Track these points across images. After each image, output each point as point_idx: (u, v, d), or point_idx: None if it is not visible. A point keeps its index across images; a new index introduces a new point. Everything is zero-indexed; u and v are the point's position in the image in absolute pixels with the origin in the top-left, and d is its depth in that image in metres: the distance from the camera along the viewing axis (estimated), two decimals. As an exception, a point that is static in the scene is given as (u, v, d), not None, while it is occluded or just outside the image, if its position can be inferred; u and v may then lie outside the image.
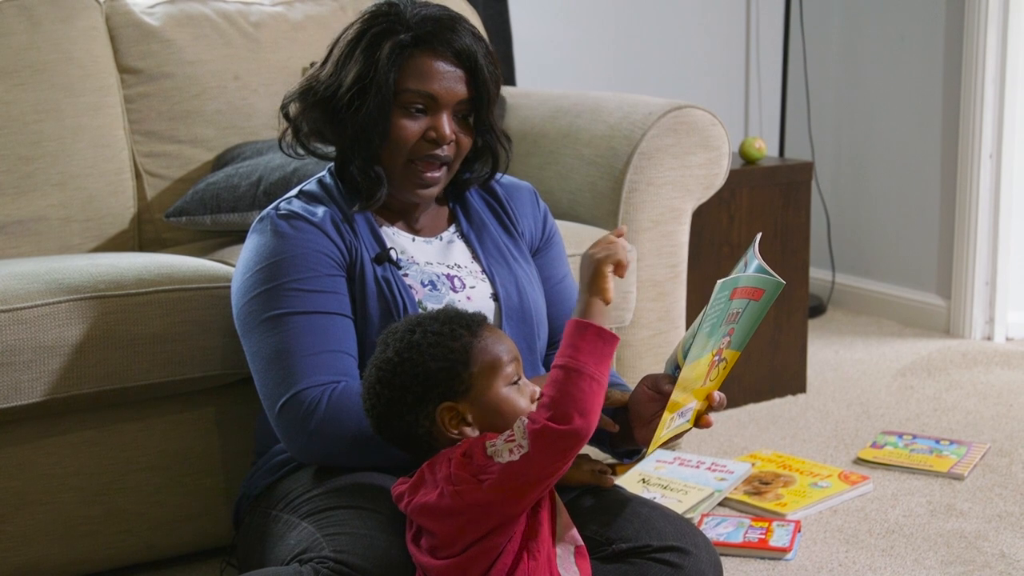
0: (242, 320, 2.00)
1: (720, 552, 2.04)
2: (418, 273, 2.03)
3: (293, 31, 3.08)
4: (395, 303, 1.97)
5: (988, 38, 3.83)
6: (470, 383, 1.72)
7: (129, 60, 2.91)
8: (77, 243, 2.78)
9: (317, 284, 1.96)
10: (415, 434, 1.75)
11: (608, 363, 1.66)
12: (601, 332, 1.67)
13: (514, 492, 1.64)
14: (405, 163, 2.00)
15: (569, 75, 4.10)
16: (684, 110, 2.86)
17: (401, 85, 1.97)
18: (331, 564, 1.73)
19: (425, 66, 1.97)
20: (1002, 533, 2.51)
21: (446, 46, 1.97)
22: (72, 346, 2.17)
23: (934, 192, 4.10)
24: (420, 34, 1.96)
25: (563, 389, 1.63)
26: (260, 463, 2.06)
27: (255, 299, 1.97)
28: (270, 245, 1.98)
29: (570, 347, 1.66)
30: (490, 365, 1.73)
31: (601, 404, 1.65)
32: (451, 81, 1.97)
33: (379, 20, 1.99)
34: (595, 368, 1.64)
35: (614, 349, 1.67)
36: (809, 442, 3.07)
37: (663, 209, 2.85)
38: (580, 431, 1.62)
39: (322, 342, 1.93)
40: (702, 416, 1.89)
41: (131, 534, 2.33)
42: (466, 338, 1.73)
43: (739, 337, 1.80)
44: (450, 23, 1.99)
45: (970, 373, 3.59)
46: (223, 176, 2.73)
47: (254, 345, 1.97)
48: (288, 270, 1.95)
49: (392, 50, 1.95)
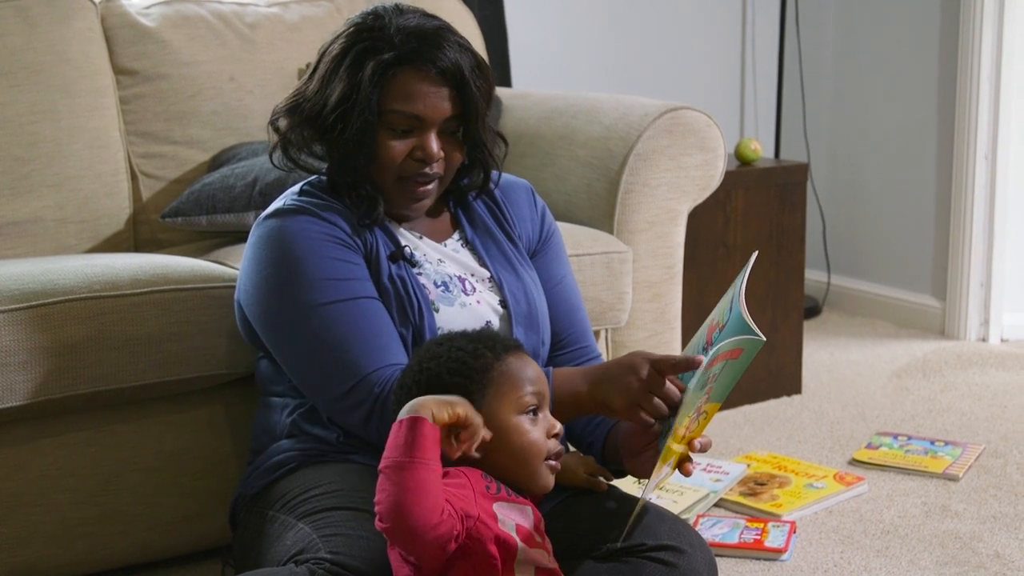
0: (270, 317, 1.97)
1: (716, 553, 2.04)
2: (432, 272, 2.03)
3: (289, 32, 3.08)
4: (409, 302, 1.97)
5: (983, 40, 3.84)
6: (481, 403, 1.70)
7: (125, 61, 2.91)
8: (73, 244, 2.78)
9: (348, 272, 1.95)
10: None
11: (426, 446, 1.57)
12: (404, 423, 1.58)
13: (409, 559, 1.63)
14: (395, 180, 2.00)
15: (565, 76, 4.10)
16: (680, 111, 2.86)
17: (385, 106, 1.94)
18: (327, 565, 1.73)
19: (409, 86, 1.94)
20: (997, 534, 2.51)
21: (430, 64, 1.94)
22: (68, 347, 2.17)
23: (929, 194, 4.10)
24: (403, 52, 1.93)
25: (384, 489, 1.56)
26: (257, 463, 2.06)
27: (285, 293, 1.95)
28: (286, 240, 1.96)
29: (386, 448, 1.59)
30: (505, 389, 1.72)
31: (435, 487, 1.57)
32: (436, 100, 1.95)
33: (363, 36, 1.96)
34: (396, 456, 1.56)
35: (425, 428, 1.57)
36: (804, 443, 3.07)
37: (659, 210, 2.85)
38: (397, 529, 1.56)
39: (373, 325, 1.92)
40: (683, 463, 1.86)
41: (127, 535, 2.33)
42: (487, 359, 1.73)
43: (718, 391, 1.79)
44: (435, 38, 1.95)
45: (965, 374, 3.59)
46: (219, 177, 2.73)
47: (294, 339, 1.95)
48: (315, 261, 1.94)
49: (375, 70, 1.93)
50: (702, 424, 1.81)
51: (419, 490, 1.55)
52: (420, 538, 1.56)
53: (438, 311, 1.99)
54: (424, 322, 1.96)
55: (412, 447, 1.57)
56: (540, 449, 1.73)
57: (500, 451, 1.70)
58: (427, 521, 1.56)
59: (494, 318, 2.03)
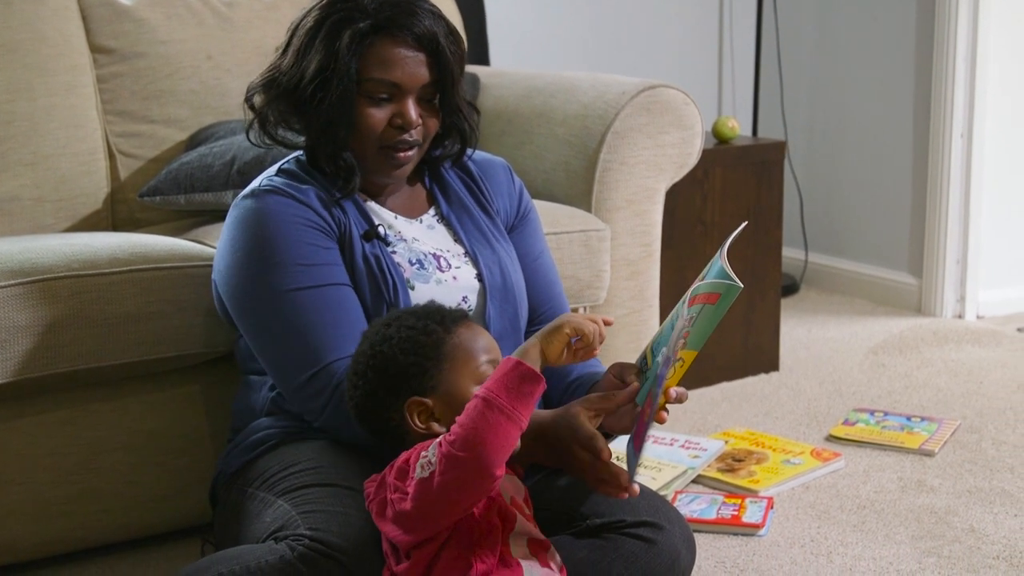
0: (241, 297, 1.98)
1: (694, 528, 2.05)
2: (406, 251, 2.03)
3: (266, 11, 3.07)
4: (384, 281, 1.97)
5: (959, 19, 3.85)
6: (438, 379, 1.71)
7: (101, 39, 2.90)
8: (50, 223, 2.77)
9: (319, 257, 1.95)
10: (390, 427, 1.75)
11: (529, 405, 1.62)
12: (528, 374, 1.62)
13: (427, 511, 1.61)
14: (376, 149, 2.00)
15: (543, 55, 4.10)
16: (657, 89, 2.87)
17: (364, 74, 1.95)
18: (306, 541, 1.74)
19: (386, 53, 1.95)
20: (972, 508, 2.54)
21: (406, 31, 1.95)
22: (46, 326, 2.16)
23: (906, 171, 4.12)
24: (379, 20, 1.94)
25: (475, 420, 1.59)
26: (237, 441, 2.06)
27: (256, 276, 1.95)
28: (260, 222, 1.96)
29: (495, 381, 1.61)
30: (460, 362, 1.72)
31: (514, 444, 1.61)
32: (413, 66, 1.96)
33: (336, 7, 1.96)
34: (511, 407, 1.59)
35: (538, 392, 1.62)
36: (782, 419, 3.09)
37: (636, 188, 2.86)
38: (482, 464, 1.57)
39: (339, 314, 1.93)
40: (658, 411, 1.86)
41: (106, 514, 2.33)
42: (439, 334, 1.73)
43: (695, 339, 1.79)
44: (408, 5, 1.96)
45: (941, 351, 3.61)
46: (197, 156, 2.72)
47: (262, 321, 1.96)
48: (288, 245, 1.94)
49: (352, 39, 1.93)
50: (678, 372, 1.80)
51: (505, 442, 1.59)
52: (481, 480, 1.58)
53: (413, 289, 1.99)
54: (399, 300, 1.97)
55: (518, 401, 1.60)
56: None
57: None
58: (494, 470, 1.58)
59: (470, 293, 2.04)
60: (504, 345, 1.89)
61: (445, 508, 1.61)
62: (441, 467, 1.59)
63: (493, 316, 2.03)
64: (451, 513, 1.62)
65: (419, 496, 1.61)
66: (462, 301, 2.02)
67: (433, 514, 1.62)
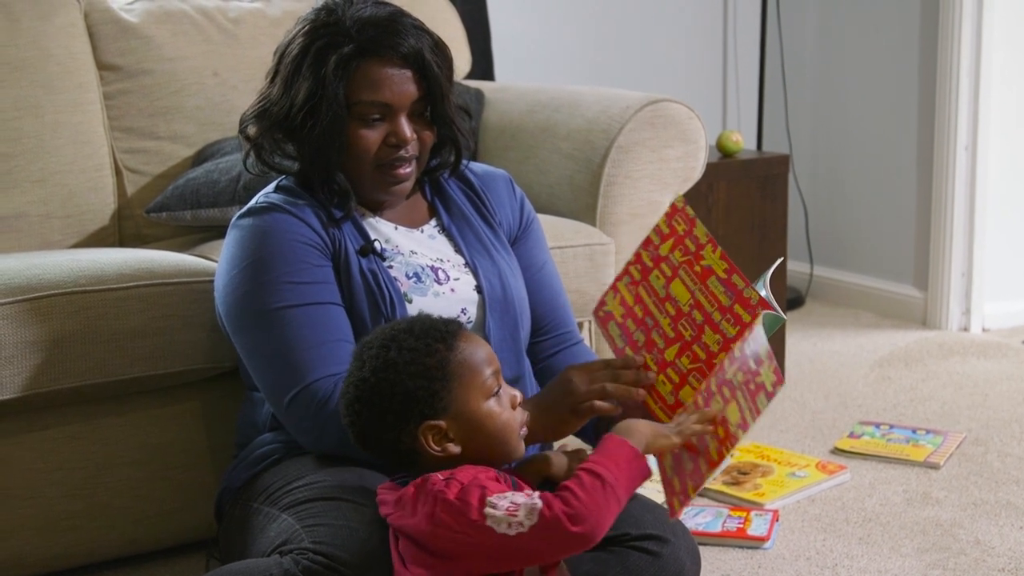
0: (234, 316, 2.00)
1: (699, 541, 2.06)
2: (403, 265, 2.04)
3: (271, 27, 3.09)
4: (381, 296, 1.98)
5: (963, 32, 3.86)
6: (448, 400, 1.70)
7: (108, 57, 2.91)
8: (57, 240, 2.79)
9: (309, 275, 1.96)
10: (398, 450, 1.73)
11: (634, 491, 1.67)
12: (639, 461, 1.66)
13: (491, 561, 1.62)
14: (373, 169, 2.01)
15: (547, 69, 4.11)
16: (661, 104, 2.88)
17: (353, 98, 1.96)
18: (311, 555, 1.74)
19: (374, 75, 1.95)
20: (977, 521, 2.54)
21: (391, 51, 1.95)
22: (53, 341, 2.17)
23: (910, 184, 4.12)
24: (362, 43, 1.95)
25: (594, 498, 1.59)
26: (242, 456, 2.07)
27: (247, 294, 1.96)
28: (256, 239, 1.98)
29: (614, 464, 1.63)
30: (467, 379, 1.71)
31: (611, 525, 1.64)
32: (402, 84, 1.96)
33: (320, 32, 1.97)
34: (624, 493, 1.63)
35: (643, 482, 1.67)
36: (787, 432, 3.09)
37: (641, 202, 2.86)
38: (588, 539, 1.59)
39: (324, 333, 1.93)
40: None
41: (113, 528, 2.34)
42: (441, 352, 1.71)
43: None
44: (391, 24, 1.96)
45: (946, 364, 3.61)
46: (203, 172, 2.74)
47: (252, 341, 1.97)
48: (278, 263, 1.95)
49: (338, 64, 1.94)
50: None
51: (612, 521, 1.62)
52: (580, 550, 1.61)
53: (411, 302, 2.00)
54: (396, 314, 1.97)
55: (631, 487, 1.65)
56: (514, 426, 1.75)
57: (478, 439, 1.71)
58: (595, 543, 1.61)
59: (469, 305, 2.04)
60: (503, 356, 1.90)
61: (514, 563, 1.63)
62: (541, 531, 1.58)
63: (492, 327, 2.04)
64: (510, 566, 1.64)
65: (489, 549, 1.60)
66: (461, 313, 2.03)
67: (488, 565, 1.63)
